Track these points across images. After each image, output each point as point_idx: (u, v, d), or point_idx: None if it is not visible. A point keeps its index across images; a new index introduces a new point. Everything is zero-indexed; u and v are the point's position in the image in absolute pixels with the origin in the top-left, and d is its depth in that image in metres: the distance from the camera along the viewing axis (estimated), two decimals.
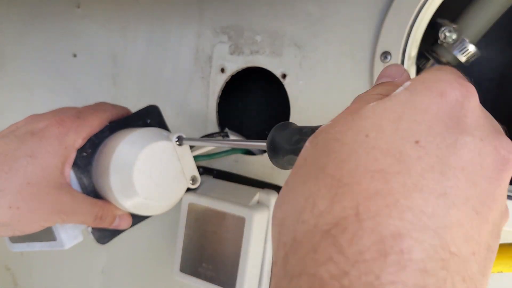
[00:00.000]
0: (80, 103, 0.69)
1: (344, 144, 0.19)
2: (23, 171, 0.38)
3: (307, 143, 0.21)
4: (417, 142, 0.18)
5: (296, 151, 0.31)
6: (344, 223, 0.17)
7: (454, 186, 0.17)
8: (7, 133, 0.41)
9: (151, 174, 0.42)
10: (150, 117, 0.48)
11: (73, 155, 0.42)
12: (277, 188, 0.50)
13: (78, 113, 0.43)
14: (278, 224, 0.20)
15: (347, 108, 0.22)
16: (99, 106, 0.46)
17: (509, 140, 0.19)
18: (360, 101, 0.22)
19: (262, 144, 0.34)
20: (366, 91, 0.24)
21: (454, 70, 0.22)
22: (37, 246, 0.45)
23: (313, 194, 0.18)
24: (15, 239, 0.46)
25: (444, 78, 0.20)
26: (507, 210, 0.21)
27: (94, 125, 0.43)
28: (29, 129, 0.41)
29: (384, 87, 0.23)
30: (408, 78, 0.24)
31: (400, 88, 0.20)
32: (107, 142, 0.44)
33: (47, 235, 0.43)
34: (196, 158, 0.47)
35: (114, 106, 0.47)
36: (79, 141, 0.42)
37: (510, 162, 0.19)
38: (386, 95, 0.21)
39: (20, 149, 0.39)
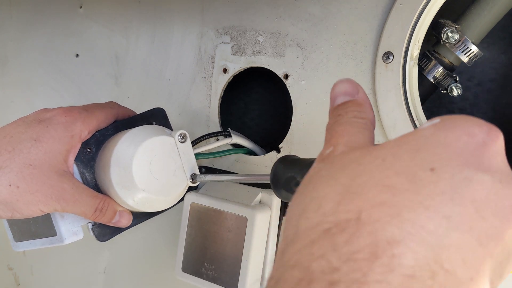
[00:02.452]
0: (82, 102, 0.69)
1: (360, 164, 0.20)
2: (26, 152, 0.39)
3: (316, 163, 0.22)
4: (432, 169, 0.18)
5: (288, 189, 0.34)
6: (344, 224, 0.17)
7: (461, 213, 0.17)
8: (16, 120, 0.42)
9: (151, 167, 0.43)
10: (156, 119, 0.49)
11: (78, 145, 0.42)
12: None
13: (86, 107, 0.44)
14: (286, 220, 0.21)
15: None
16: (107, 104, 0.47)
17: None
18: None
19: (266, 178, 0.37)
20: (341, 114, 0.25)
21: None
22: (39, 244, 0.45)
23: (321, 196, 0.19)
24: (18, 237, 0.46)
25: (473, 119, 0.20)
26: None
27: (100, 119, 0.44)
28: (37, 117, 0.42)
29: (353, 109, 0.24)
30: (364, 94, 0.25)
31: (427, 124, 0.20)
32: (110, 140, 0.44)
33: (47, 229, 0.43)
34: (197, 156, 0.47)
35: (121, 105, 0.48)
36: (85, 132, 0.42)
37: None
38: (364, 118, 0.23)
39: (26, 132, 0.40)
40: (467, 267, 0.17)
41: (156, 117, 0.49)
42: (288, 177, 0.34)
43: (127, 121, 0.47)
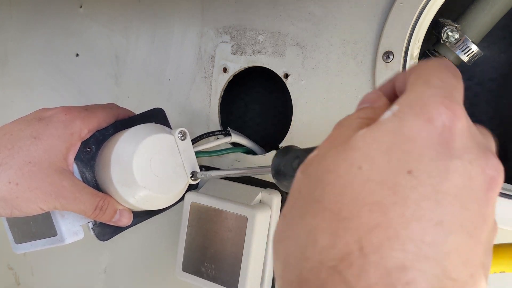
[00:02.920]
0: (82, 102, 0.69)
1: (338, 176, 0.19)
2: (26, 150, 0.39)
3: (298, 173, 0.21)
4: (409, 172, 0.18)
5: (290, 175, 0.33)
6: (350, 258, 0.17)
7: (449, 213, 0.18)
8: (17, 119, 0.43)
9: (151, 165, 0.43)
10: (155, 119, 0.49)
11: (78, 143, 0.42)
12: (278, 188, 0.50)
13: (86, 107, 0.44)
14: (282, 261, 0.20)
15: (332, 136, 0.22)
16: (106, 104, 0.47)
17: (495, 158, 0.20)
18: (344, 127, 0.22)
19: (267, 170, 0.36)
20: (348, 116, 0.24)
21: (444, 76, 0.21)
22: (40, 244, 0.45)
23: (314, 229, 0.19)
24: (18, 239, 0.46)
25: (431, 100, 0.19)
26: (495, 224, 0.21)
27: (100, 119, 0.44)
28: (38, 116, 0.42)
29: (365, 111, 0.23)
30: (386, 103, 0.24)
31: (388, 113, 0.20)
32: (110, 139, 0.45)
33: (48, 229, 0.43)
34: (197, 154, 0.47)
35: (120, 106, 0.48)
36: (85, 131, 0.43)
37: (496, 181, 0.19)
38: (368, 118, 0.22)
39: (26, 130, 0.40)
40: (467, 267, 0.18)
41: (156, 117, 0.49)
42: (290, 157, 0.33)
43: (127, 121, 0.47)
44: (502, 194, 0.39)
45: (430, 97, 0.20)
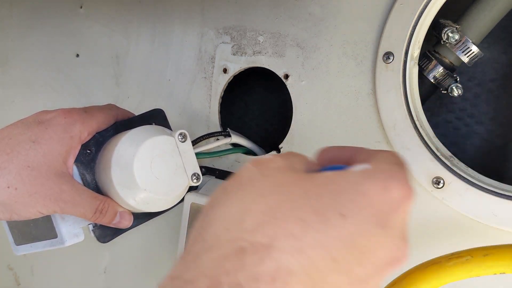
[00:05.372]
0: (82, 103, 0.69)
1: (288, 191, 0.22)
2: (25, 154, 0.39)
3: (251, 163, 0.25)
4: (343, 215, 0.21)
5: None
6: (258, 247, 0.20)
7: (347, 260, 0.21)
8: (16, 122, 0.42)
9: (152, 167, 0.42)
10: (155, 120, 0.49)
11: (77, 146, 0.42)
12: None
13: (86, 109, 0.44)
14: (207, 220, 0.23)
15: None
16: (106, 106, 0.47)
17: (407, 248, 0.23)
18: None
19: None
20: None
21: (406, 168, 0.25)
22: (40, 246, 0.45)
23: (247, 210, 0.22)
24: (19, 241, 0.46)
25: (399, 176, 0.23)
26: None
27: (100, 121, 0.44)
28: (37, 119, 0.42)
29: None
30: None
31: (359, 168, 0.23)
32: (110, 140, 0.44)
33: (48, 231, 0.43)
34: (197, 155, 0.47)
35: (120, 107, 0.48)
36: (85, 134, 0.42)
37: (398, 263, 0.23)
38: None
39: (25, 134, 0.40)
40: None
41: (156, 118, 0.49)
42: None
43: (127, 122, 0.47)
44: (502, 195, 0.39)
45: (399, 176, 0.23)
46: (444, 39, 0.45)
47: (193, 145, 0.47)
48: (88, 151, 0.43)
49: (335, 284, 0.20)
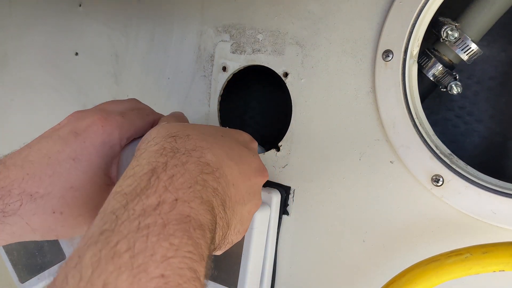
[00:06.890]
0: (82, 101, 0.69)
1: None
2: (66, 175, 0.37)
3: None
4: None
5: None
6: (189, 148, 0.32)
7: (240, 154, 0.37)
8: (51, 132, 0.40)
9: None
10: None
11: (118, 154, 0.41)
12: (278, 186, 0.50)
13: (123, 113, 0.42)
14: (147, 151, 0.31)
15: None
16: (143, 110, 0.45)
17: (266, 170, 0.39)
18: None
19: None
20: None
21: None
22: (47, 275, 0.43)
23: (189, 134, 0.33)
24: (24, 277, 0.44)
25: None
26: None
27: (138, 127, 0.42)
28: (73, 129, 0.40)
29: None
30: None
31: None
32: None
33: (56, 256, 0.42)
34: None
35: (156, 112, 0.47)
36: (124, 141, 0.41)
37: (264, 174, 0.38)
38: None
39: (64, 151, 0.38)
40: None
41: None
42: None
43: None
44: (501, 193, 0.39)
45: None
46: (443, 37, 0.45)
47: None
48: None
49: (230, 168, 0.33)
